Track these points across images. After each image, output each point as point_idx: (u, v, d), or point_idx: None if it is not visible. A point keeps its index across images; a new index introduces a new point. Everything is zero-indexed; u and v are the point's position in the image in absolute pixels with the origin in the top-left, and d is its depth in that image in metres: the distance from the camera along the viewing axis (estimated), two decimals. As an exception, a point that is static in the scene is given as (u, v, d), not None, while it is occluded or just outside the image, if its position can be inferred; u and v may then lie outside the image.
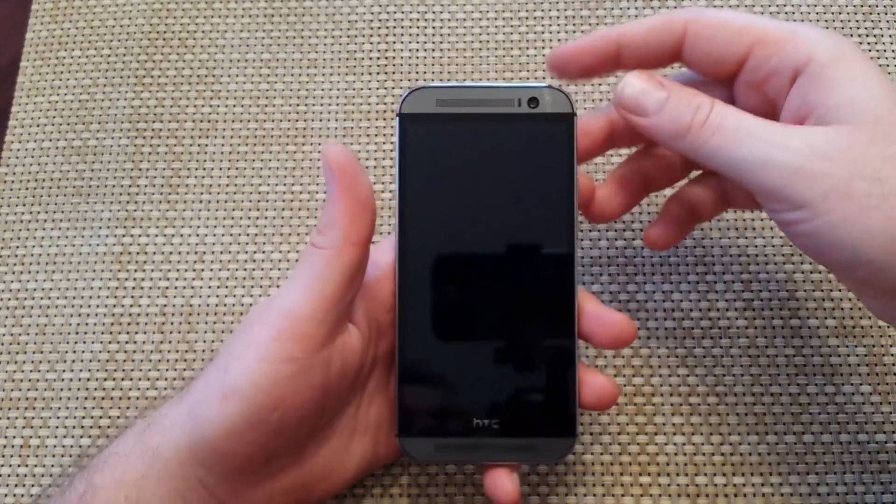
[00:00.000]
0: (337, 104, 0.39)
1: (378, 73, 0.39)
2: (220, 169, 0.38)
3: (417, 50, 0.40)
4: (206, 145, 0.38)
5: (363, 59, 0.40)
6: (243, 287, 0.36)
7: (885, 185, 0.23)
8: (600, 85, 0.38)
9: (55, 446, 0.33)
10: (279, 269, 0.36)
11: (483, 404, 0.27)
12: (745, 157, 0.24)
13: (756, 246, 0.35)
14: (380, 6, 0.40)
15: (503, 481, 0.27)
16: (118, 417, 0.34)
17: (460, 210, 0.28)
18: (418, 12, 0.40)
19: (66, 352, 0.35)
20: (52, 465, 0.33)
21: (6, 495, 0.33)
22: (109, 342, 0.35)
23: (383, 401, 0.29)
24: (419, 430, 0.28)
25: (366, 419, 0.29)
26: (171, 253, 0.36)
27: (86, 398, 0.34)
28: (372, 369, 0.29)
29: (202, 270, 0.36)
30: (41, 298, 0.36)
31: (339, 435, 0.28)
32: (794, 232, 0.25)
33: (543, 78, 0.39)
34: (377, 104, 0.39)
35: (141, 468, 0.26)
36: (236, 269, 0.36)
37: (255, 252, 0.36)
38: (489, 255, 0.28)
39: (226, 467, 0.26)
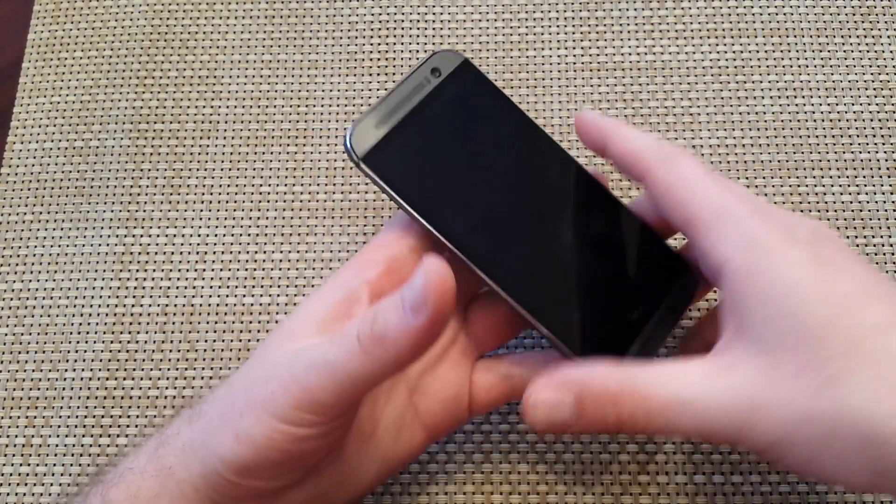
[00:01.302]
0: (337, 105, 0.39)
1: (378, 74, 0.39)
2: (222, 169, 0.38)
3: (417, 50, 0.40)
4: (208, 146, 0.38)
5: (363, 59, 0.40)
6: (245, 287, 0.36)
7: (823, 425, 0.21)
8: (599, 86, 0.39)
9: (57, 445, 0.34)
10: (280, 269, 0.36)
11: (622, 303, 0.28)
12: (687, 430, 0.23)
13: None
14: (380, 7, 0.41)
15: None
16: (120, 416, 0.34)
17: (474, 184, 0.28)
18: (418, 13, 0.40)
19: (69, 351, 0.35)
20: (55, 465, 0.33)
21: (8, 494, 0.33)
22: (111, 341, 0.35)
23: (404, 393, 0.28)
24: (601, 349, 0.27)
25: (386, 415, 0.28)
26: (172, 253, 0.37)
27: (88, 397, 0.34)
28: None
29: (204, 270, 0.36)
30: (43, 298, 0.36)
31: (355, 438, 0.27)
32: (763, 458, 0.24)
33: (545, 80, 0.39)
34: (377, 104, 0.39)
35: (155, 487, 0.25)
36: (238, 269, 0.36)
37: (256, 252, 0.36)
38: (529, 200, 0.29)
39: (240, 494, 0.25)
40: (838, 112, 0.38)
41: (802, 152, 0.37)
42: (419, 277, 0.21)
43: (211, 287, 0.36)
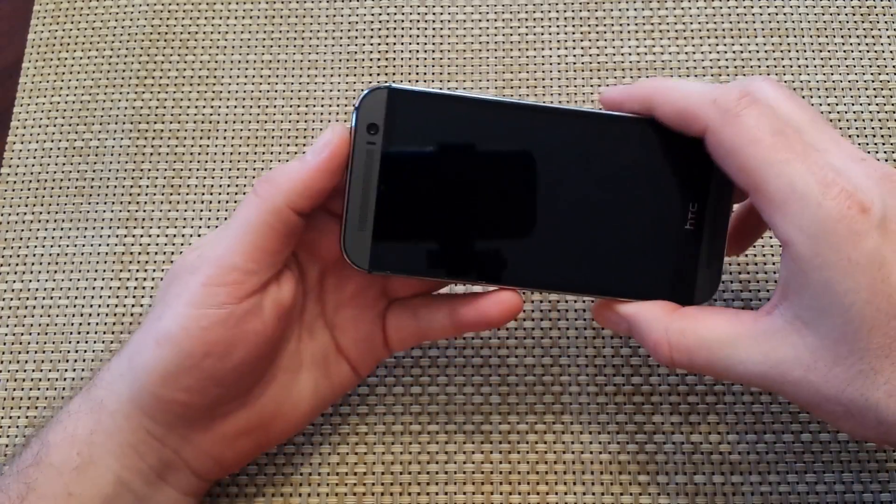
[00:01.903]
0: (337, 105, 0.39)
1: (378, 74, 0.39)
2: (222, 169, 0.38)
3: (417, 51, 0.40)
4: (208, 146, 0.38)
5: (363, 59, 0.40)
6: (244, 287, 0.36)
7: (845, 407, 0.23)
8: (599, 86, 0.39)
9: (58, 445, 0.34)
10: (280, 269, 0.36)
11: (664, 231, 0.27)
12: (727, 378, 0.26)
13: (747, 255, 0.36)
14: (380, 7, 0.41)
15: None
16: (120, 416, 0.34)
17: (469, 219, 0.27)
18: (418, 13, 0.40)
19: (69, 351, 0.35)
20: (55, 464, 0.33)
21: (9, 494, 0.33)
22: (111, 341, 0.35)
23: (324, 330, 0.30)
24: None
25: (311, 351, 0.29)
26: (172, 253, 0.37)
27: (88, 397, 0.34)
28: (305, 302, 0.29)
29: (203, 270, 0.36)
30: (43, 298, 0.36)
31: (283, 371, 0.28)
32: None
33: (545, 80, 0.39)
34: (377, 105, 0.39)
35: (90, 424, 0.26)
36: (237, 269, 0.36)
37: (256, 252, 0.36)
38: (508, 198, 0.27)
39: (169, 414, 0.26)
40: (838, 112, 0.38)
41: (802, 152, 0.37)
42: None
43: (211, 287, 0.36)
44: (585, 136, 0.27)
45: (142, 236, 0.37)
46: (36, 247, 0.37)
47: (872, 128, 0.37)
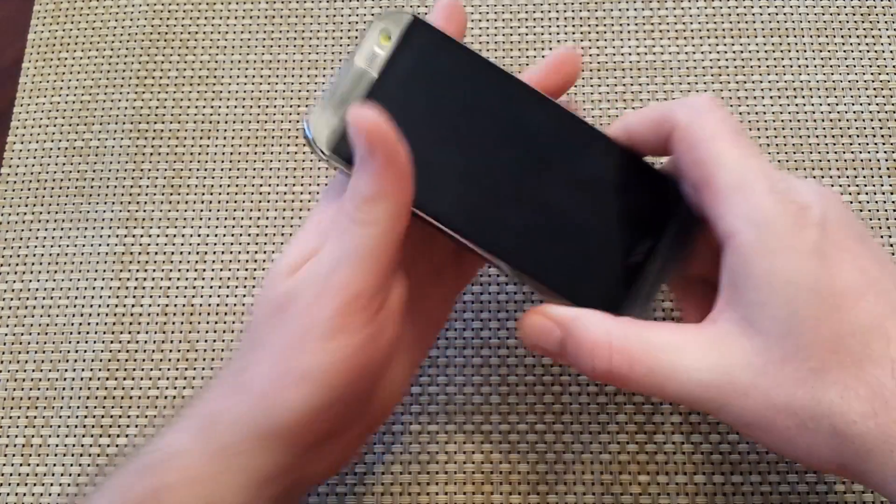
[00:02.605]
0: (337, 105, 0.39)
1: (378, 74, 0.39)
2: (222, 169, 0.38)
3: (418, 50, 0.40)
4: (208, 146, 0.38)
5: (364, 59, 0.40)
6: (245, 287, 0.36)
7: (798, 416, 0.22)
8: (599, 86, 0.39)
9: (57, 445, 0.34)
10: (280, 269, 0.36)
11: (615, 244, 0.27)
12: (668, 397, 0.24)
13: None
14: (380, 7, 0.41)
15: None
16: (120, 416, 0.34)
17: (439, 158, 0.27)
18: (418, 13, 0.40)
19: (69, 351, 0.35)
20: (55, 465, 0.33)
21: (8, 494, 0.33)
22: (111, 341, 0.35)
23: (415, 304, 0.28)
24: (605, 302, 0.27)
25: (407, 330, 0.28)
26: (172, 253, 0.37)
27: (88, 397, 0.34)
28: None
29: (204, 270, 0.36)
30: (43, 298, 0.36)
31: (393, 361, 0.27)
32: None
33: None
34: (377, 105, 0.39)
35: (214, 465, 0.24)
36: (238, 269, 0.36)
37: (256, 252, 0.36)
38: (499, 153, 0.27)
39: (309, 445, 0.25)
40: (838, 112, 0.38)
41: (802, 152, 0.37)
42: (352, 134, 0.24)
43: (211, 287, 0.36)
44: (576, 138, 0.28)
45: (142, 236, 0.37)
46: (36, 247, 0.37)
47: (872, 128, 0.37)
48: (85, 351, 0.35)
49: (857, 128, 0.37)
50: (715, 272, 0.25)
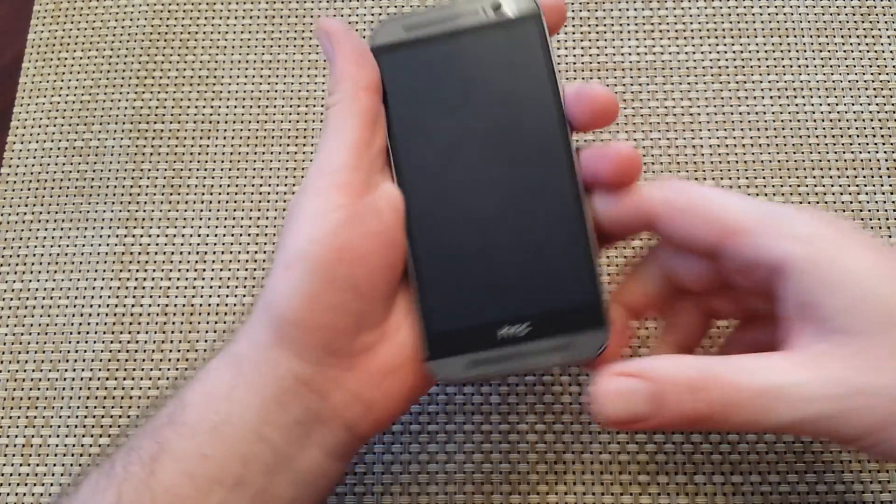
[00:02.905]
0: (337, 105, 0.39)
1: (378, 74, 0.39)
2: (222, 169, 0.38)
3: (417, 50, 0.40)
4: (208, 146, 0.38)
5: (363, 59, 0.40)
6: (245, 287, 0.36)
7: None
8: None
9: (57, 445, 0.34)
10: (280, 269, 0.36)
11: (508, 311, 0.26)
12: (781, 420, 0.22)
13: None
14: (380, 7, 0.41)
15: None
16: (120, 417, 0.34)
17: (447, 124, 0.27)
18: (418, 13, 0.40)
19: (69, 351, 0.35)
20: (55, 465, 0.33)
21: (8, 494, 0.33)
22: (111, 341, 0.35)
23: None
24: (449, 350, 0.26)
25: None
26: (172, 253, 0.37)
27: (88, 397, 0.34)
28: None
29: (204, 270, 0.36)
30: (43, 298, 0.36)
31: (396, 314, 0.27)
32: (851, 447, 0.24)
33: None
34: (377, 104, 0.39)
35: (229, 379, 0.25)
36: (238, 269, 0.36)
37: (256, 252, 0.36)
38: (489, 164, 0.27)
39: (316, 347, 0.25)
40: (838, 112, 0.38)
41: (802, 152, 0.37)
42: (316, 37, 0.27)
43: (211, 287, 0.36)
44: (544, 195, 0.27)
45: (142, 236, 0.37)
46: (36, 247, 0.37)
47: (872, 128, 0.37)
48: (85, 351, 0.35)
49: (857, 128, 0.37)
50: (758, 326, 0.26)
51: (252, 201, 0.37)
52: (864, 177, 0.36)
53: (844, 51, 0.39)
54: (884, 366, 0.22)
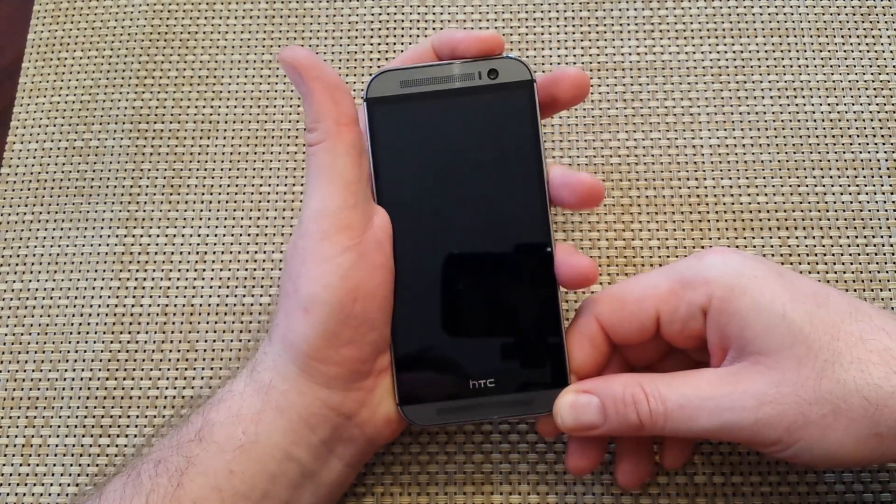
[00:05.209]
0: (337, 105, 0.39)
1: (378, 74, 0.39)
2: (222, 169, 0.38)
3: (417, 50, 0.40)
4: (208, 146, 0.38)
5: (363, 59, 0.40)
6: (245, 287, 0.36)
7: (830, 402, 0.24)
8: (599, 86, 0.39)
9: (57, 445, 0.34)
10: (280, 269, 0.36)
11: (478, 365, 0.29)
12: (704, 427, 0.25)
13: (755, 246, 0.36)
14: (380, 7, 0.41)
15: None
16: (120, 416, 0.34)
17: (432, 184, 0.29)
18: (418, 13, 0.40)
19: (69, 351, 0.35)
20: (55, 465, 0.33)
21: (8, 494, 0.33)
22: (111, 341, 0.35)
23: None
24: (419, 397, 0.29)
25: None
26: (172, 253, 0.37)
27: (88, 397, 0.34)
28: None
29: (204, 270, 0.36)
30: (43, 298, 0.36)
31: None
32: (776, 456, 0.26)
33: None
34: (377, 105, 0.39)
35: (257, 404, 0.26)
36: (238, 269, 0.36)
37: (256, 252, 0.36)
38: (468, 225, 0.29)
39: (341, 376, 0.27)
40: (838, 112, 0.38)
41: (802, 152, 0.37)
42: (284, 69, 0.27)
43: (211, 287, 0.36)
44: (521, 269, 0.29)
45: (142, 236, 0.37)
46: (36, 247, 0.37)
47: (872, 128, 0.37)
48: (85, 351, 0.35)
49: (857, 128, 0.37)
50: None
51: (252, 201, 0.37)
52: (864, 177, 0.36)
53: (844, 51, 0.39)
54: (787, 378, 0.25)
